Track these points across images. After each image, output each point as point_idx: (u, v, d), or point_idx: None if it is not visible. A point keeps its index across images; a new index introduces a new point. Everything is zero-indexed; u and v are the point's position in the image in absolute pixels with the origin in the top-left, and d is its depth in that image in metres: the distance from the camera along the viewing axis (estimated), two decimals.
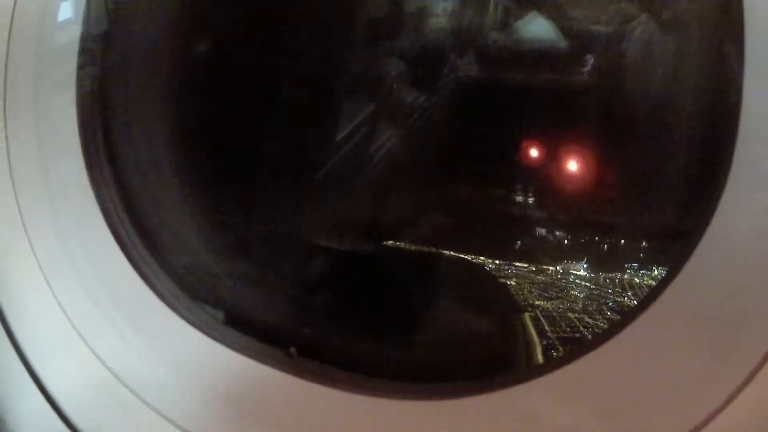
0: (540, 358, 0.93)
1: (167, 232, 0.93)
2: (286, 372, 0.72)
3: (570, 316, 1.01)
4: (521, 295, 1.07)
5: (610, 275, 1.05)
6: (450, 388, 0.65)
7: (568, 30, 1.09)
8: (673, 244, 0.71)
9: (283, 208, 1.08)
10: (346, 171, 1.17)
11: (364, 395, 0.68)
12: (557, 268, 1.09)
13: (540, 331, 0.97)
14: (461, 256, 1.13)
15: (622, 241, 1.03)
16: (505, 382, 0.62)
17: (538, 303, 1.05)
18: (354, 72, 1.19)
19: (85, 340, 0.79)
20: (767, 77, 0.54)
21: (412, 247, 1.14)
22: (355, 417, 0.69)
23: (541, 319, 0.99)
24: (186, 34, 0.99)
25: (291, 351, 0.75)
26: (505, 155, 1.12)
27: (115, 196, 0.86)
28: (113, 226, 0.83)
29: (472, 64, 1.16)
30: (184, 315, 0.79)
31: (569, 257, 1.08)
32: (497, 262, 1.13)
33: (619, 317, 0.96)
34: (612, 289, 1.04)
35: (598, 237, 1.06)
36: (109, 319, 0.79)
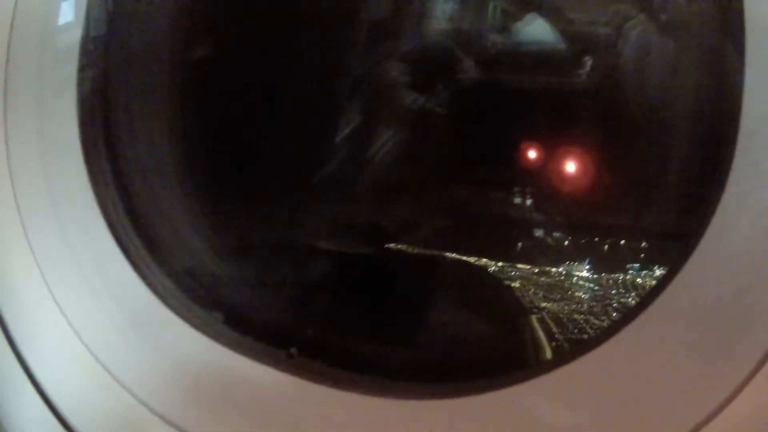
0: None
1: (167, 232, 0.93)
2: (286, 372, 0.72)
3: (576, 317, 1.01)
4: (527, 298, 1.07)
5: (612, 276, 1.04)
6: (450, 388, 0.65)
7: (567, 31, 1.09)
8: (673, 245, 0.70)
9: (283, 209, 1.08)
10: (347, 173, 1.17)
11: (364, 395, 0.68)
12: (560, 270, 1.09)
13: (548, 333, 0.97)
14: (463, 258, 1.13)
15: (622, 241, 1.03)
16: (505, 381, 0.62)
17: (543, 305, 1.05)
18: (355, 74, 1.19)
19: (83, 342, 0.79)
20: (767, 77, 0.54)
21: (414, 250, 1.14)
22: (355, 417, 0.68)
23: (548, 321, 0.99)
24: (187, 36, 0.99)
25: (292, 351, 0.75)
26: (506, 157, 1.12)
27: (115, 196, 0.86)
28: (113, 227, 0.83)
29: (472, 66, 1.16)
30: (184, 316, 0.79)
31: (571, 258, 1.08)
32: (500, 264, 1.14)
33: None
34: (616, 290, 1.03)
35: (598, 238, 1.06)
36: (109, 319, 0.79)
